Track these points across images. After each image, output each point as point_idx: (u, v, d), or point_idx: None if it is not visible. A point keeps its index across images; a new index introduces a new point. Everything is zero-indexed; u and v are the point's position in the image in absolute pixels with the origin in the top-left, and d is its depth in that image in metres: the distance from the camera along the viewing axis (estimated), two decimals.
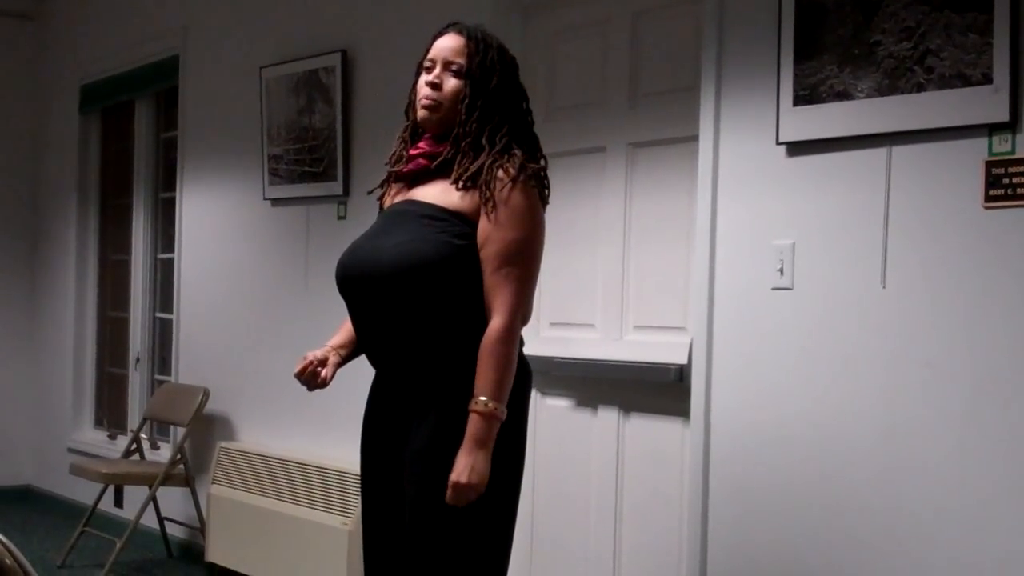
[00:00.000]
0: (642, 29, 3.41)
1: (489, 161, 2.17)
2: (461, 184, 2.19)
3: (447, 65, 2.24)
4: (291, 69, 4.59)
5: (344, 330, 2.37)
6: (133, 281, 6.02)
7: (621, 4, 3.46)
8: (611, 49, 3.49)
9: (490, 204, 2.15)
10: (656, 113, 3.35)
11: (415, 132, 2.33)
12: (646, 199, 3.37)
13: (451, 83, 2.23)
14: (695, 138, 3.12)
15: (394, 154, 2.36)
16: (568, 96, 3.63)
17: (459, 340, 2.15)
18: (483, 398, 2.09)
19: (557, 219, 3.54)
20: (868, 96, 2.67)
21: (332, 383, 2.31)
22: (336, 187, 4.40)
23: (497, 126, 2.21)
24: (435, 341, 2.16)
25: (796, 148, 2.85)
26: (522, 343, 2.25)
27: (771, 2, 2.88)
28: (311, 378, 2.27)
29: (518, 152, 2.19)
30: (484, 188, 2.16)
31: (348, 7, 4.40)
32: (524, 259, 2.17)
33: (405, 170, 2.31)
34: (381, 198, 2.41)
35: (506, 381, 2.12)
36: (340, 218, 4.42)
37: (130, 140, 6.05)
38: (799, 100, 2.80)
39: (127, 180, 6.09)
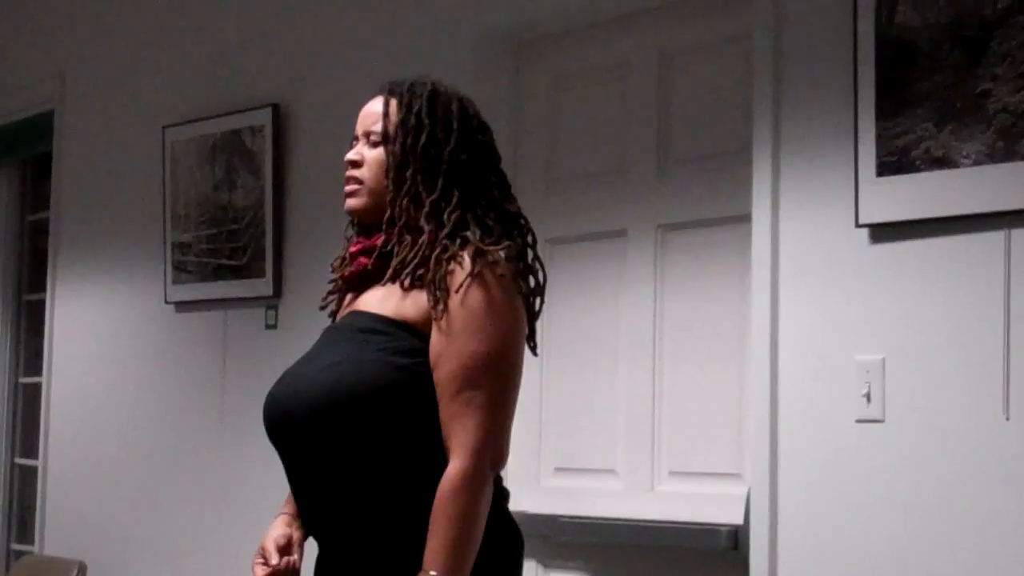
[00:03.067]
0: (673, 74, 3.48)
1: (437, 250, 2.20)
2: (400, 283, 2.21)
3: (367, 136, 2.30)
4: (205, 129, 4.64)
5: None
6: None
7: (645, 41, 3.53)
8: (633, 100, 3.55)
9: (439, 307, 2.17)
10: (693, 185, 3.39)
11: (364, 226, 2.36)
12: (683, 299, 3.40)
13: (372, 155, 2.29)
14: (747, 218, 3.15)
15: (338, 256, 2.39)
16: (575, 163, 3.68)
17: (414, 496, 2.14)
18: (432, 573, 2.07)
19: (562, 327, 3.57)
20: (977, 163, 2.71)
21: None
22: (264, 286, 4.41)
23: (441, 198, 2.24)
24: (380, 499, 2.15)
25: (882, 232, 2.88)
26: (506, 495, 2.24)
27: (844, 38, 2.94)
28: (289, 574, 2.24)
29: (473, 232, 2.21)
30: (431, 287, 2.18)
31: (283, 49, 4.47)
32: (491, 378, 2.16)
33: (346, 275, 2.34)
34: (333, 314, 2.43)
35: (466, 548, 2.09)
36: (269, 327, 4.43)
37: None
38: (885, 169, 2.84)
39: None
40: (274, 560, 2.22)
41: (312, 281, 4.17)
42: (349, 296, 2.38)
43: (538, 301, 2.31)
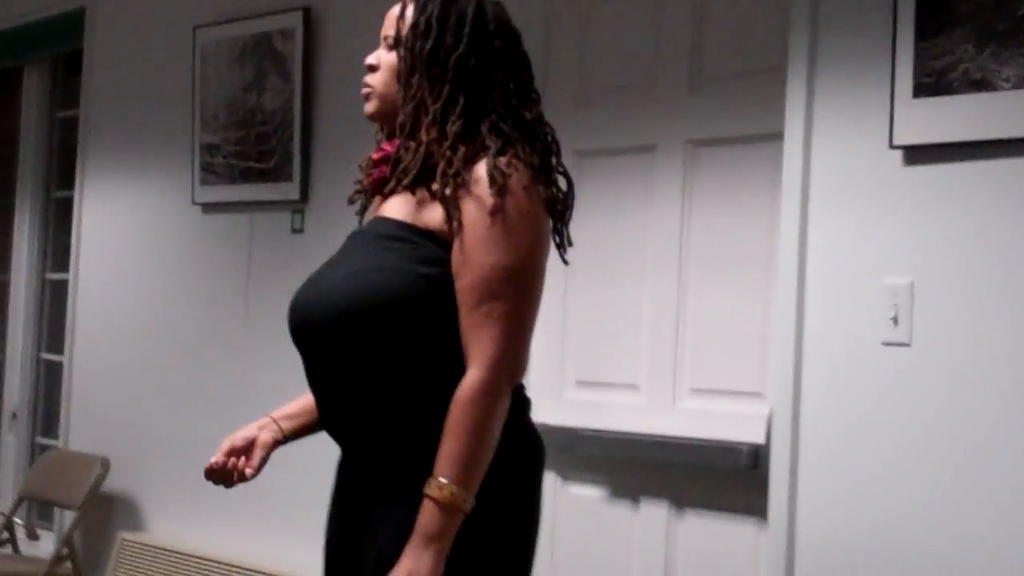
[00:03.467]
0: None
1: (442, 162, 2.17)
2: (422, 189, 2.20)
3: (385, 40, 2.30)
4: (236, 31, 4.63)
5: (306, 395, 2.39)
6: (12, 309, 6.05)
7: None
8: (666, 13, 3.51)
9: (453, 222, 2.16)
10: (725, 101, 3.36)
11: (390, 131, 2.36)
12: (710, 217, 3.38)
13: (385, 60, 2.29)
14: (778, 136, 3.13)
15: (366, 157, 2.39)
16: (605, 77, 3.65)
17: (433, 403, 2.14)
18: (442, 479, 2.08)
19: (588, 241, 3.56)
20: (1016, 87, 2.67)
21: (281, 453, 2.32)
22: (291, 190, 4.42)
23: (446, 106, 2.22)
24: (401, 405, 2.16)
25: (917, 154, 2.86)
26: (528, 405, 2.25)
27: None
28: (226, 477, 2.32)
29: (488, 140, 2.18)
30: (443, 202, 2.17)
31: None
32: (512, 291, 2.15)
33: (368, 181, 2.34)
34: (361, 214, 2.43)
35: (478, 458, 2.10)
36: (295, 231, 4.44)
37: (14, 119, 6.09)
38: (922, 90, 2.81)
39: (8, 172, 6.13)
40: (217, 458, 2.30)
41: (339, 186, 4.16)
42: (376, 199, 2.38)
43: (566, 210, 2.29)
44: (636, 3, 3.60)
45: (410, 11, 2.27)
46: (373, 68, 2.30)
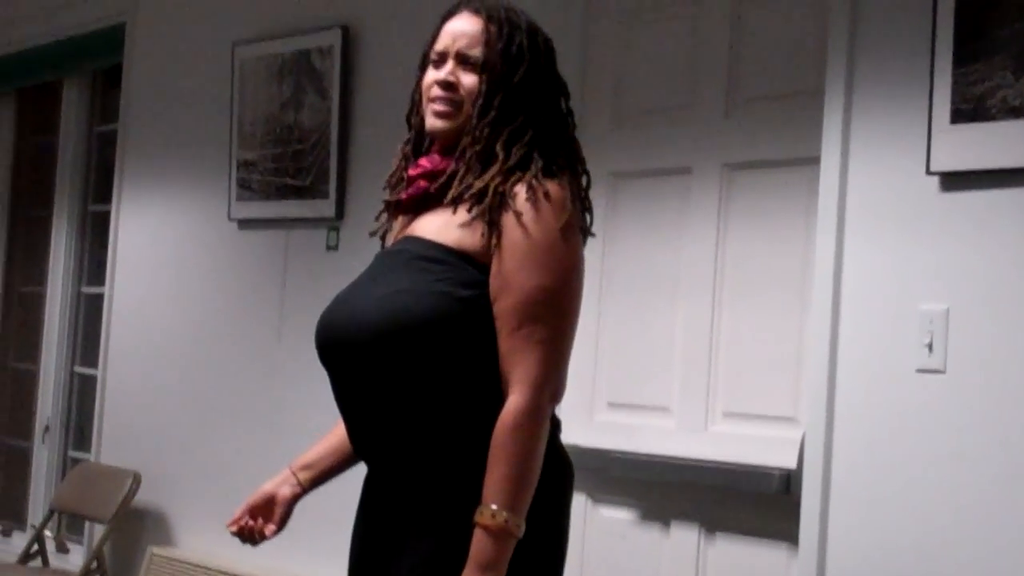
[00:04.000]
0: (746, 12, 3.44)
1: (497, 180, 2.19)
2: (461, 210, 2.20)
3: (462, 59, 2.28)
4: (274, 48, 4.66)
5: (329, 436, 2.43)
6: (47, 322, 6.09)
7: None
8: (704, 35, 3.52)
9: (500, 240, 2.17)
10: (762, 125, 3.37)
11: (419, 145, 2.36)
12: (745, 240, 3.38)
13: (469, 81, 2.26)
14: (815, 160, 3.13)
15: (393, 175, 2.39)
16: (641, 99, 3.66)
17: (469, 427, 2.15)
18: (493, 506, 2.08)
19: (622, 262, 3.57)
20: None
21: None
22: (327, 207, 4.44)
23: (518, 131, 2.24)
24: (435, 429, 2.16)
25: (954, 180, 2.86)
26: (558, 427, 2.25)
27: None
28: (248, 535, 2.41)
29: (538, 164, 2.20)
30: (484, 219, 2.18)
31: None
32: (552, 314, 2.16)
33: (404, 197, 2.33)
34: (383, 235, 2.43)
35: (526, 483, 2.11)
36: (330, 248, 4.46)
37: (53, 133, 6.15)
38: (959, 116, 2.81)
39: (46, 186, 6.18)
40: (237, 519, 2.41)
41: (374, 204, 4.14)
42: (401, 219, 2.37)
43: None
44: (673, 25, 3.61)
45: (494, 34, 2.26)
46: (451, 86, 2.27)
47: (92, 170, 6.04)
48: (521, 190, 2.17)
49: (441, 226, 2.23)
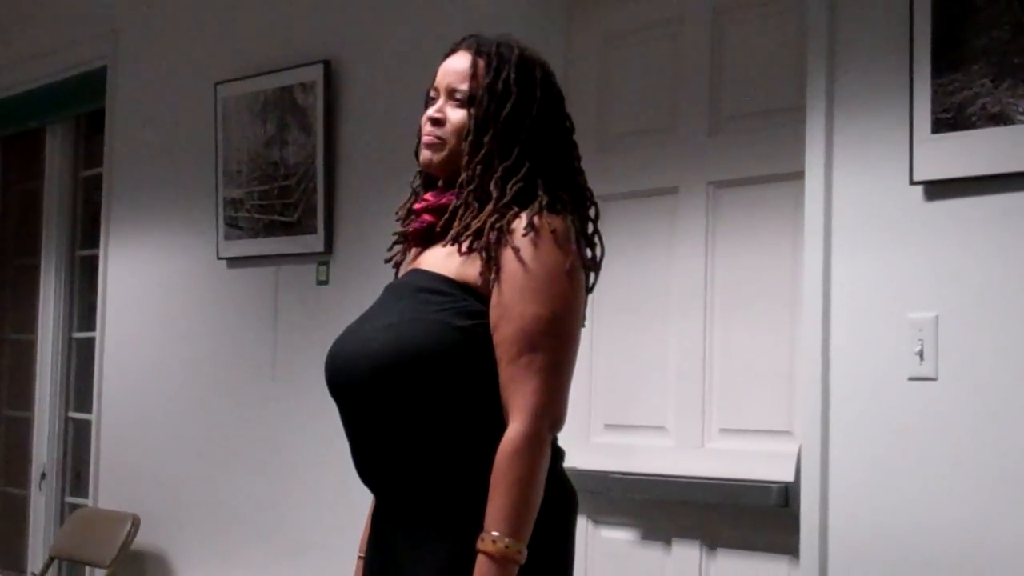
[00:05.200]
0: (726, 32, 3.48)
1: (493, 218, 2.21)
2: (462, 245, 2.23)
3: (451, 93, 2.31)
4: (256, 86, 4.68)
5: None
6: (39, 369, 6.08)
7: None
8: (685, 56, 3.56)
9: (497, 270, 2.19)
10: (745, 142, 3.40)
11: (429, 179, 2.39)
12: (734, 257, 3.41)
13: (456, 116, 2.30)
14: (799, 175, 3.16)
15: (403, 207, 2.43)
16: (626, 121, 3.70)
17: (471, 455, 2.17)
18: (495, 533, 2.10)
19: (613, 284, 3.58)
20: None
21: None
22: (315, 242, 4.46)
23: (513, 167, 2.26)
24: (437, 456, 2.18)
25: (937, 189, 2.89)
26: (561, 455, 2.27)
27: None
28: None
29: (542, 201, 2.22)
30: (483, 252, 2.20)
31: (335, 5, 4.49)
32: (551, 343, 2.18)
33: (410, 230, 2.37)
34: (397, 264, 2.46)
35: (527, 509, 2.12)
36: (320, 283, 4.47)
37: (38, 179, 6.15)
38: (940, 125, 2.84)
39: (33, 232, 6.19)
40: None
41: (363, 237, 4.21)
42: (413, 250, 2.41)
43: (592, 276, 2.33)
44: (654, 47, 3.64)
45: (481, 69, 2.29)
46: (439, 122, 2.31)
47: (78, 215, 6.04)
48: (519, 225, 2.19)
49: (444, 258, 2.27)
